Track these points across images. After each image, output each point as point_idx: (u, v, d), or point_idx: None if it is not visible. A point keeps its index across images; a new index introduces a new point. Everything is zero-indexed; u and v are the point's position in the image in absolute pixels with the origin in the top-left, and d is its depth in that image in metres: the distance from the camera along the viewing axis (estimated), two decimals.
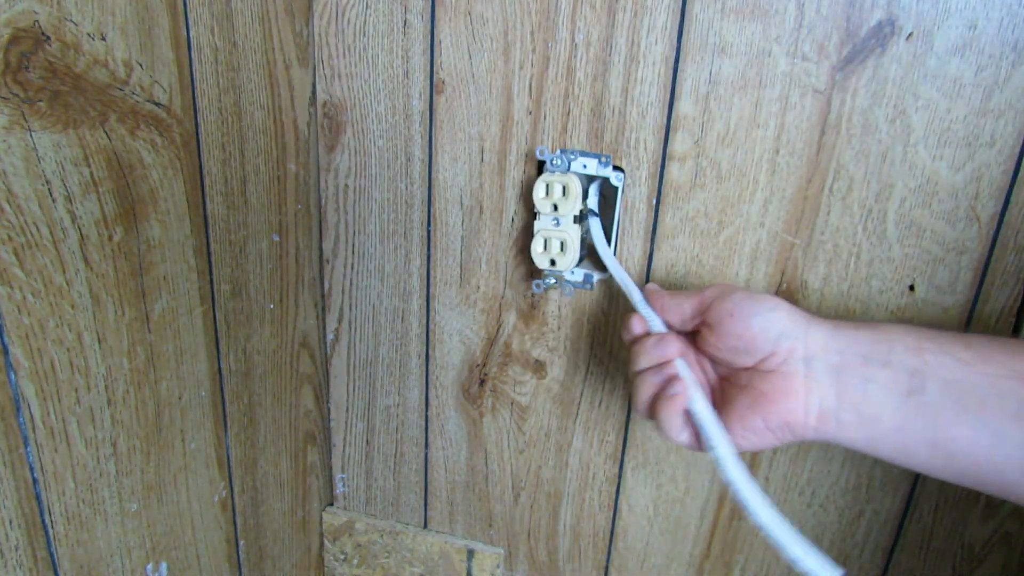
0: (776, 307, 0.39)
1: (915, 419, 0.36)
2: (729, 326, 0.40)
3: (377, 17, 0.53)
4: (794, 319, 0.39)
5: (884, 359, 0.37)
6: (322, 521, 0.71)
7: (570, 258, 0.51)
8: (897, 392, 0.36)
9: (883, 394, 0.36)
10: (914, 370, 0.36)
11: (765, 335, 0.39)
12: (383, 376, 0.64)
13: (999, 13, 0.42)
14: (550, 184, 0.50)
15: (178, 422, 0.48)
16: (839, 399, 0.37)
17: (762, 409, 0.39)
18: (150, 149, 0.42)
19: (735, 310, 0.40)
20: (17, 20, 0.33)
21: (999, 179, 0.45)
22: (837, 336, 0.38)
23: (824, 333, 0.38)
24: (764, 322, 0.39)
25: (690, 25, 0.47)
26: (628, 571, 0.64)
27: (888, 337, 0.37)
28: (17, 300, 0.35)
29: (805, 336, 0.38)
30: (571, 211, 0.50)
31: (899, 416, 0.36)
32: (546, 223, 0.51)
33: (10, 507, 0.37)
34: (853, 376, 0.37)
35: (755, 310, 0.39)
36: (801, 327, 0.39)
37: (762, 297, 0.40)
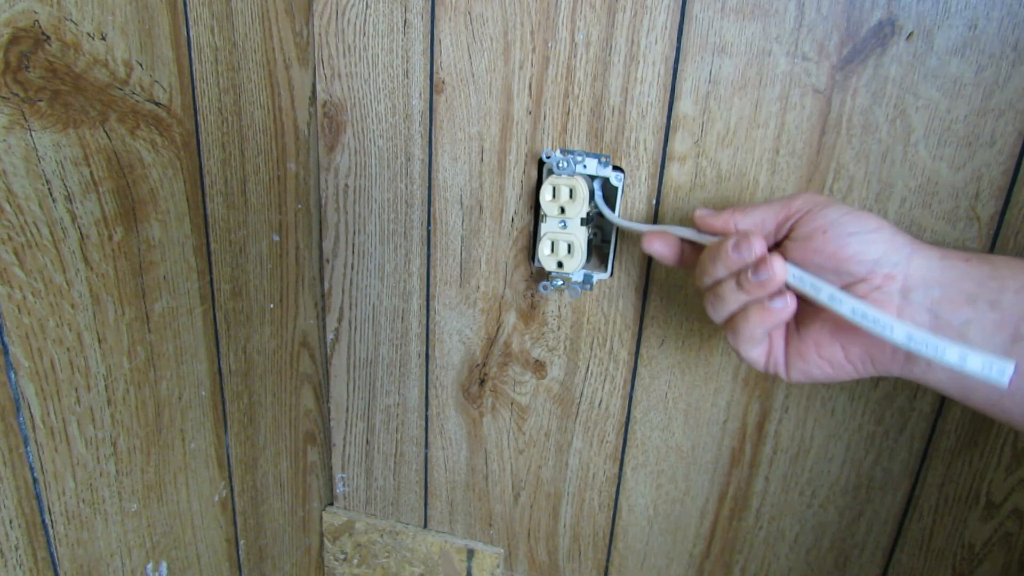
0: (879, 228, 0.35)
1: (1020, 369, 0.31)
2: (821, 243, 0.35)
3: (377, 17, 0.53)
4: (896, 244, 0.34)
5: (993, 298, 0.32)
6: (322, 521, 0.71)
7: (577, 260, 0.51)
8: (1002, 337, 0.32)
9: (985, 338, 0.32)
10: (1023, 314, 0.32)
11: (861, 257, 0.35)
12: (383, 376, 0.64)
13: (999, 13, 0.42)
14: (557, 187, 0.50)
15: (178, 422, 0.48)
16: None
17: (843, 338, 0.35)
18: (150, 149, 0.42)
19: (829, 227, 0.35)
20: (17, 20, 0.33)
21: (999, 179, 0.45)
22: (944, 267, 0.34)
23: (928, 263, 0.34)
24: (862, 243, 0.35)
25: (690, 25, 0.47)
26: (628, 571, 0.64)
27: (1001, 274, 0.33)
28: (17, 300, 0.35)
29: (907, 264, 0.34)
30: (578, 213, 0.50)
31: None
32: (553, 225, 0.51)
33: (10, 507, 0.37)
34: (954, 315, 0.33)
35: (853, 229, 0.35)
36: (904, 253, 0.34)
37: (863, 216, 0.35)
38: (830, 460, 0.54)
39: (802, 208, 0.37)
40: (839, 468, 0.54)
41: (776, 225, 0.38)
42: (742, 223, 0.39)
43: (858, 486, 0.55)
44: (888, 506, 0.54)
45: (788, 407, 0.54)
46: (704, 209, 0.41)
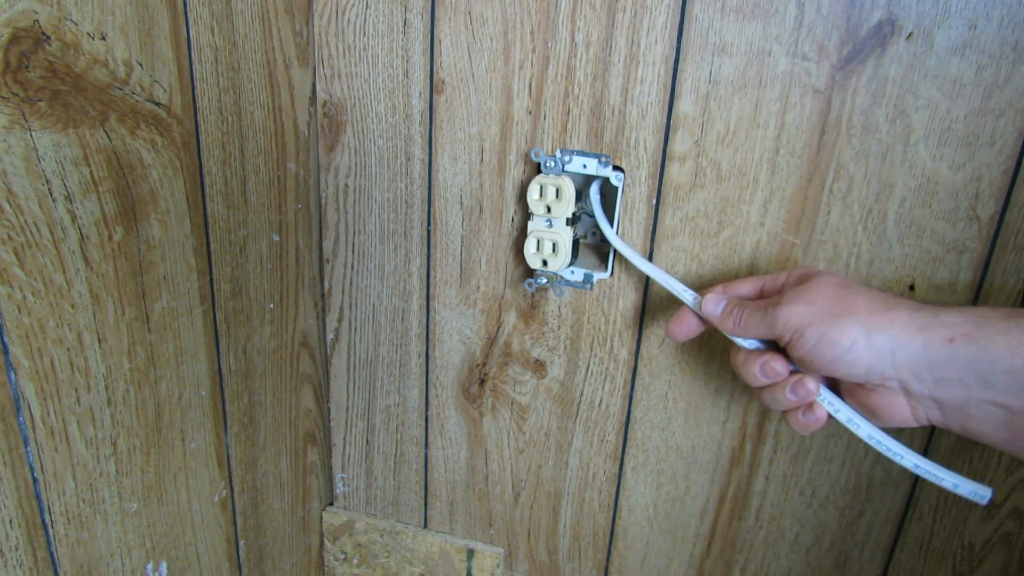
0: (853, 343, 0.36)
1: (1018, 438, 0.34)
2: (814, 366, 0.39)
3: (377, 17, 0.53)
4: (875, 349, 0.36)
5: (984, 378, 0.34)
6: (322, 521, 0.71)
7: (561, 259, 0.51)
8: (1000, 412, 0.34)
9: (985, 415, 0.35)
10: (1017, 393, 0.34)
11: (852, 372, 0.37)
12: (383, 376, 0.64)
13: (999, 13, 0.42)
14: (544, 186, 0.50)
15: (178, 422, 0.48)
16: (945, 416, 0.36)
17: (875, 417, 0.39)
18: (150, 149, 0.42)
19: (812, 358, 0.38)
20: (17, 20, 0.33)
21: (999, 179, 0.45)
22: (928, 354, 0.35)
23: (911, 354, 0.35)
24: (846, 364, 0.37)
25: (690, 25, 0.47)
26: (628, 571, 0.64)
27: (988, 356, 0.34)
28: (17, 300, 0.35)
29: (893, 364, 0.36)
30: (564, 213, 0.50)
31: (1004, 434, 0.35)
32: (539, 224, 0.51)
33: (10, 507, 0.37)
34: (953, 398, 0.35)
35: (832, 354, 0.37)
36: (886, 359, 0.36)
37: (836, 335, 0.37)
38: (830, 460, 0.54)
39: (784, 335, 0.40)
40: (839, 468, 0.54)
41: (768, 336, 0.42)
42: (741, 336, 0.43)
43: (858, 486, 0.55)
44: (888, 506, 0.54)
45: None
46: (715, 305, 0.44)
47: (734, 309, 0.43)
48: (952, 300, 0.48)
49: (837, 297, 0.38)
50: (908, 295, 0.49)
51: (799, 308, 0.39)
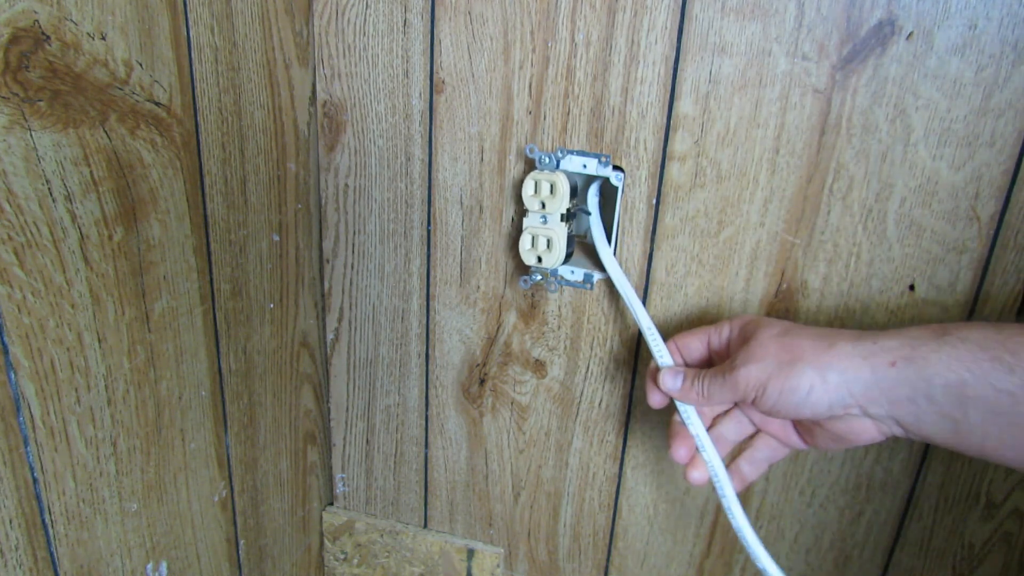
0: (811, 389, 0.39)
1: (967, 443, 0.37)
2: (781, 415, 0.41)
3: (377, 17, 0.53)
4: (830, 386, 0.39)
5: (927, 394, 0.37)
6: (322, 521, 0.71)
7: (556, 256, 0.51)
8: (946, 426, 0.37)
9: (936, 428, 0.38)
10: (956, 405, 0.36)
11: (816, 412, 0.40)
12: (383, 376, 0.64)
13: (999, 12, 0.42)
14: (538, 182, 0.50)
15: (178, 422, 0.48)
16: (906, 430, 0.39)
17: (844, 441, 0.41)
18: (150, 149, 0.42)
19: (780, 408, 0.40)
20: (17, 20, 0.33)
21: (999, 179, 0.45)
22: (879, 382, 0.38)
23: (865, 384, 0.38)
24: (809, 406, 0.39)
25: (690, 25, 0.47)
26: (628, 571, 0.64)
27: (927, 374, 0.37)
28: (17, 300, 0.35)
29: (850, 396, 0.39)
30: (558, 209, 0.50)
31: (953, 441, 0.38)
32: (534, 220, 0.51)
33: (10, 507, 0.37)
34: (908, 416, 0.38)
35: (796, 400, 0.40)
36: (843, 391, 0.39)
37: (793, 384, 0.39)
38: (830, 460, 0.54)
39: (749, 395, 0.42)
40: (839, 468, 0.54)
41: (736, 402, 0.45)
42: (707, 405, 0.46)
43: (858, 486, 0.55)
44: (888, 506, 0.54)
45: None
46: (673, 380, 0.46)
47: (695, 381, 0.45)
48: (952, 300, 0.48)
49: (782, 347, 0.41)
50: (908, 295, 0.49)
51: (753, 368, 0.41)
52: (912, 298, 0.49)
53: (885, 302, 0.49)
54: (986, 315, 0.48)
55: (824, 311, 0.51)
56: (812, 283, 0.50)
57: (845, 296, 0.50)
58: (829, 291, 0.50)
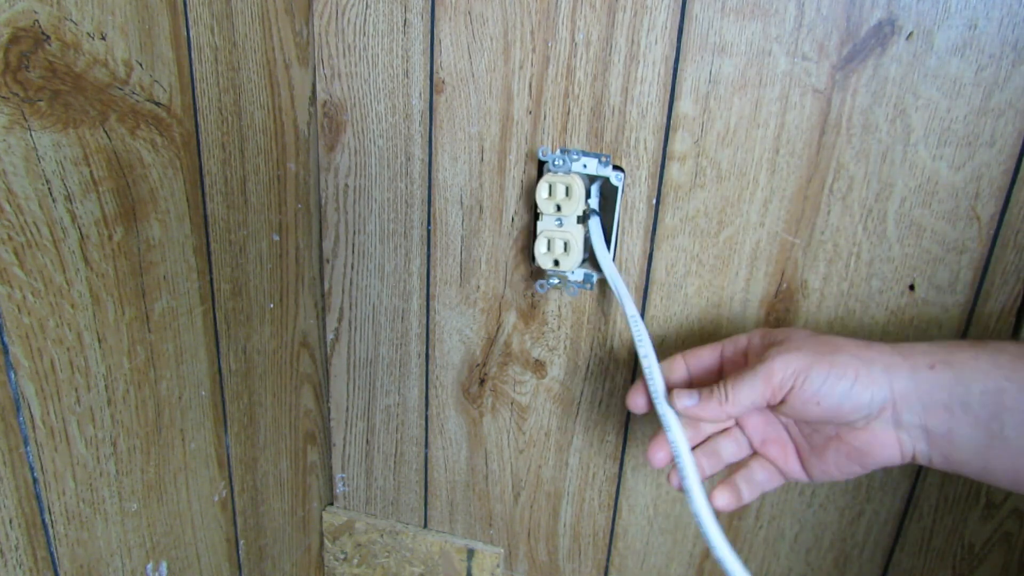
0: (856, 376, 0.37)
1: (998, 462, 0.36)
2: (819, 412, 0.38)
3: (377, 17, 0.53)
4: (875, 380, 0.37)
5: (963, 401, 0.36)
6: (322, 521, 0.71)
7: (574, 258, 0.51)
8: (980, 436, 0.36)
9: (968, 440, 0.36)
10: (992, 415, 0.35)
11: (858, 408, 0.38)
12: (383, 376, 0.64)
13: (999, 12, 0.42)
14: (553, 185, 0.50)
15: (178, 422, 0.48)
16: (930, 446, 0.37)
17: (860, 459, 0.39)
18: (150, 149, 0.42)
19: (820, 398, 0.38)
20: (17, 20, 0.33)
21: (999, 179, 0.45)
22: (917, 381, 0.37)
23: (904, 383, 0.37)
24: (853, 400, 0.37)
25: (690, 24, 0.47)
26: (628, 571, 0.64)
27: (964, 377, 0.36)
28: (17, 300, 0.35)
29: (891, 393, 0.37)
30: (574, 212, 0.50)
31: (982, 460, 0.36)
32: (549, 224, 0.51)
33: (10, 507, 0.37)
34: (939, 425, 0.37)
35: (840, 389, 0.37)
36: (885, 387, 0.37)
37: (840, 370, 0.37)
38: None
39: (785, 385, 0.38)
40: None
41: (766, 401, 0.40)
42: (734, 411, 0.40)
43: (858, 486, 0.55)
44: (888, 506, 0.54)
45: None
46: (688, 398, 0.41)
47: (713, 390, 0.40)
48: (952, 300, 0.48)
49: (820, 342, 0.40)
50: (908, 295, 0.49)
51: (793, 356, 0.38)
52: (912, 298, 0.49)
53: (885, 302, 0.49)
54: (986, 315, 0.48)
55: (824, 311, 0.51)
56: (812, 283, 0.50)
57: (845, 296, 0.50)
58: (829, 291, 0.50)
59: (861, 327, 0.50)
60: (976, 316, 0.48)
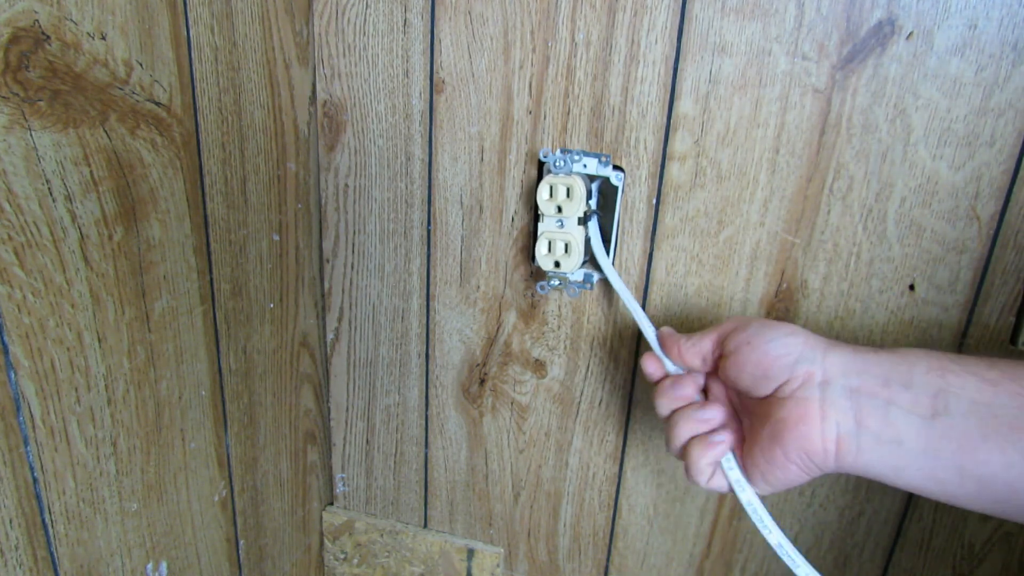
0: (793, 332, 0.39)
1: (940, 442, 0.34)
2: (747, 353, 0.40)
3: (377, 16, 0.53)
4: (811, 344, 0.38)
5: (905, 380, 0.35)
6: (322, 520, 0.71)
7: (575, 260, 0.51)
8: (919, 414, 0.35)
9: (904, 417, 0.35)
10: (937, 391, 0.35)
11: (782, 361, 0.38)
12: (383, 375, 0.64)
13: (999, 12, 0.42)
14: (554, 186, 0.50)
15: (178, 421, 0.48)
16: (858, 424, 0.36)
17: (780, 438, 0.38)
18: (150, 148, 0.42)
19: (752, 338, 0.40)
20: (17, 19, 0.33)
21: (999, 178, 0.45)
22: (856, 359, 0.37)
23: (842, 357, 0.37)
24: (780, 347, 0.38)
25: (690, 24, 0.47)
26: (628, 570, 0.64)
27: (908, 359, 0.36)
28: (17, 299, 0.35)
29: (823, 360, 0.37)
30: (575, 213, 0.50)
31: (923, 439, 0.35)
32: (550, 225, 0.51)
33: (10, 506, 0.37)
34: (872, 399, 0.36)
35: (771, 336, 0.39)
36: (819, 352, 0.38)
37: (779, 324, 0.40)
38: None
39: (730, 327, 0.42)
40: None
41: (713, 346, 0.43)
42: (684, 347, 0.44)
43: (858, 486, 0.55)
44: (888, 506, 0.54)
45: None
46: (668, 328, 0.46)
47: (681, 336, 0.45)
48: (952, 299, 0.48)
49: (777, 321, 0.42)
50: (908, 295, 0.49)
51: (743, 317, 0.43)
52: (912, 298, 0.49)
53: (885, 302, 0.49)
54: (986, 314, 0.48)
55: (824, 311, 0.51)
56: (812, 283, 0.50)
57: (845, 296, 0.50)
58: (829, 291, 0.50)
59: (861, 327, 0.50)
60: (976, 316, 0.48)
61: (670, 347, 0.45)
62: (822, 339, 0.39)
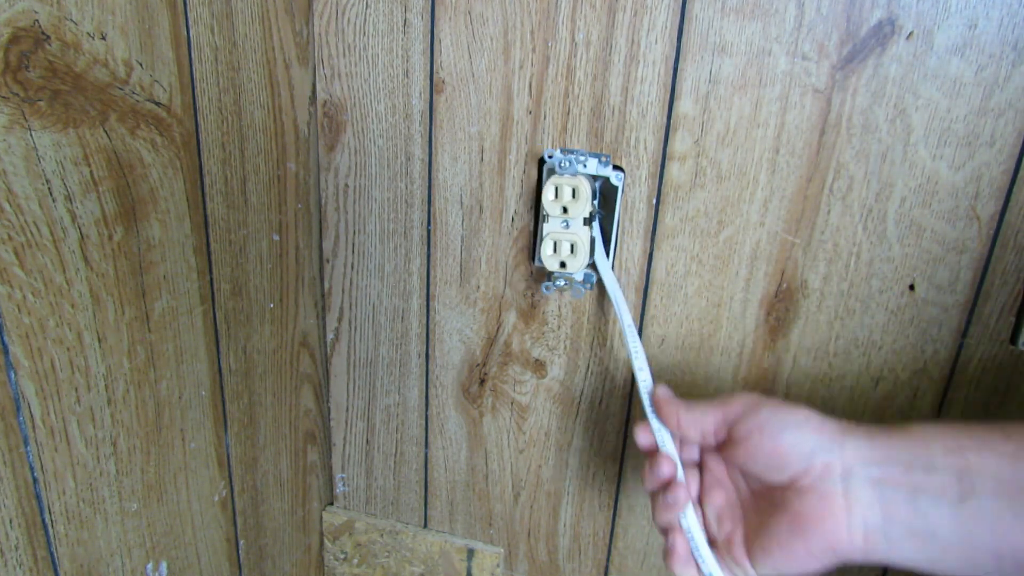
0: (807, 419, 0.37)
1: (973, 527, 0.33)
2: (759, 442, 0.38)
3: (377, 16, 0.53)
4: (826, 431, 0.37)
5: (926, 463, 0.34)
6: (322, 520, 0.71)
7: (580, 260, 0.50)
8: (948, 499, 0.33)
9: (934, 504, 0.33)
10: (960, 472, 0.33)
11: (797, 451, 0.36)
12: (383, 375, 0.64)
13: (999, 12, 0.42)
14: (559, 187, 0.50)
15: (178, 421, 0.48)
16: (885, 516, 0.34)
17: (804, 533, 0.36)
18: (150, 148, 0.42)
19: (764, 426, 0.38)
20: (17, 19, 0.33)
21: (999, 178, 0.45)
22: (873, 445, 0.36)
23: (859, 443, 0.36)
24: (795, 437, 0.37)
25: (690, 24, 0.47)
26: (628, 570, 0.64)
27: (924, 440, 0.35)
28: (17, 299, 0.35)
29: (840, 449, 0.36)
30: (581, 213, 0.50)
31: (955, 526, 0.33)
32: (555, 225, 0.51)
33: (10, 506, 0.37)
34: (898, 489, 0.34)
35: (784, 424, 0.37)
36: (835, 440, 0.36)
37: (791, 409, 0.38)
38: None
39: (739, 412, 0.40)
40: None
41: (715, 425, 0.41)
42: (684, 418, 0.42)
43: None
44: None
45: None
46: (664, 390, 0.44)
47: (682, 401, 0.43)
48: (952, 300, 0.48)
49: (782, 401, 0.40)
50: (908, 295, 0.49)
51: (752, 395, 0.40)
52: (912, 298, 0.49)
53: (885, 302, 0.49)
54: (986, 315, 0.48)
55: (824, 311, 0.51)
56: (812, 283, 0.50)
57: (845, 296, 0.50)
58: (829, 291, 0.50)
59: (861, 327, 0.50)
60: (976, 316, 0.48)
61: (668, 414, 0.42)
62: (835, 423, 0.37)
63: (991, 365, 0.49)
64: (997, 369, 0.49)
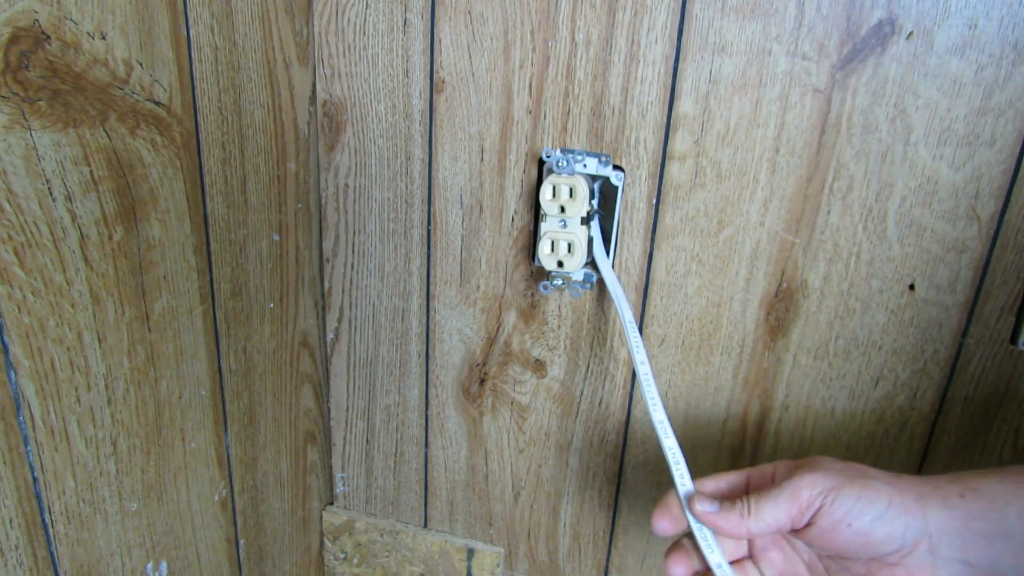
0: (890, 501, 0.35)
1: None
2: (849, 535, 0.35)
3: (377, 16, 0.53)
4: (910, 510, 0.35)
5: (1004, 531, 0.34)
6: (322, 520, 0.71)
7: (578, 259, 0.51)
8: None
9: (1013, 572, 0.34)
10: None
11: (890, 538, 0.35)
12: (383, 375, 0.64)
13: (999, 12, 0.42)
14: (557, 186, 0.50)
15: (178, 421, 0.48)
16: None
17: None
18: (150, 148, 0.42)
19: (851, 519, 0.35)
20: (17, 19, 0.33)
21: (999, 178, 0.45)
22: (952, 515, 0.35)
23: (940, 516, 0.35)
24: (886, 526, 0.35)
25: (690, 24, 0.47)
26: (628, 570, 0.64)
27: (996, 504, 0.34)
28: (17, 299, 0.35)
29: (926, 526, 0.35)
30: (578, 212, 0.50)
31: None
32: (553, 225, 0.51)
33: (10, 506, 0.37)
34: (983, 559, 0.34)
35: (873, 514, 0.35)
36: (920, 516, 0.35)
37: (873, 494, 0.35)
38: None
39: (813, 504, 0.36)
40: None
41: (791, 521, 0.37)
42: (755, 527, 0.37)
43: None
44: None
45: (788, 407, 0.54)
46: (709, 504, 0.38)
47: (736, 503, 0.37)
48: (952, 299, 0.48)
49: (848, 466, 0.37)
50: (908, 295, 0.49)
51: (821, 475, 0.36)
52: (912, 298, 0.49)
53: (885, 302, 0.49)
54: (986, 315, 0.48)
55: (824, 311, 0.51)
56: (812, 282, 0.50)
57: (845, 296, 0.50)
58: (829, 291, 0.50)
59: (861, 328, 0.50)
60: (976, 316, 0.48)
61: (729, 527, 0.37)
62: (911, 493, 0.35)
63: (991, 365, 0.49)
64: (997, 369, 0.49)
